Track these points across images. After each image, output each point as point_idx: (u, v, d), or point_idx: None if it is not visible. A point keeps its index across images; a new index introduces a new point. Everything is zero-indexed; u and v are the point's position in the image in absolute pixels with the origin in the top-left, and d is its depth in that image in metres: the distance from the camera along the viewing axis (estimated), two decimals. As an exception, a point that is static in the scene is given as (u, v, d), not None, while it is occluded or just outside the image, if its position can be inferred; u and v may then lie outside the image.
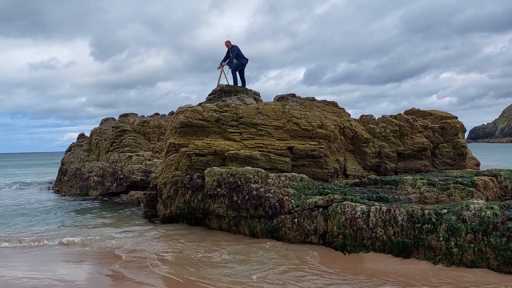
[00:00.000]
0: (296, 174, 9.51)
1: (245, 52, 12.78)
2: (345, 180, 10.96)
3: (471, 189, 8.72)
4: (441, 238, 6.32)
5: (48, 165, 50.00)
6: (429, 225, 6.50)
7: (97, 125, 22.07)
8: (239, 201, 8.82)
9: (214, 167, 9.66)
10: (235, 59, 12.50)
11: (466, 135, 14.89)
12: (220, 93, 12.32)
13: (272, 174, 9.29)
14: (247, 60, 12.76)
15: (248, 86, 13.09)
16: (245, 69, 12.99)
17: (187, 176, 9.91)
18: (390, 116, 13.86)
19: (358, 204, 7.40)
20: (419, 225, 6.58)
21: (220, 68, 12.70)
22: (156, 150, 18.11)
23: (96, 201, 15.76)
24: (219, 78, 12.80)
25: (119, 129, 18.86)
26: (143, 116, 21.38)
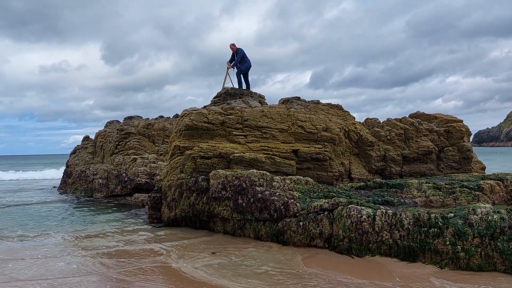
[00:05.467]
0: (301, 177, 9.49)
1: (253, 55, 12.85)
2: (350, 184, 10.93)
3: (477, 193, 8.68)
4: (448, 242, 6.28)
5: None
6: (435, 229, 6.46)
7: (102, 128, 22.16)
8: (244, 204, 8.81)
9: (219, 170, 9.65)
10: (239, 63, 12.56)
11: (470, 138, 14.81)
12: (225, 96, 12.35)
13: (277, 177, 9.28)
14: (251, 64, 12.85)
15: (254, 89, 13.16)
16: (251, 73, 13.07)
17: (192, 178, 9.91)
18: (395, 119, 13.83)
19: (363, 207, 7.37)
20: (425, 229, 6.54)
21: (228, 67, 12.81)
22: (161, 152, 18.15)
23: (101, 204, 15.78)
24: (224, 81, 12.87)
25: (124, 131, 18.93)
26: (148, 118, 21.46)
